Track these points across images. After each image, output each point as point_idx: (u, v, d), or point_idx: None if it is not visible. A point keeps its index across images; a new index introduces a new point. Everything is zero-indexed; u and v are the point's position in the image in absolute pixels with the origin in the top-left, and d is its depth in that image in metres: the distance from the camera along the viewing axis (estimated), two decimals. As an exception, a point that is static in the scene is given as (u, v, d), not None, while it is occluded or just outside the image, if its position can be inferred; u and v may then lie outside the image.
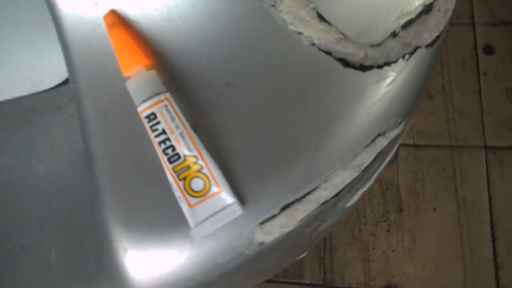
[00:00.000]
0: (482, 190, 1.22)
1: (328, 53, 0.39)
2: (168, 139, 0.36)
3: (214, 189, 0.36)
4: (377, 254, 1.20)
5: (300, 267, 1.21)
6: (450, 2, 0.42)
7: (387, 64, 0.39)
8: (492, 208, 1.19)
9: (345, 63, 0.39)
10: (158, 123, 0.36)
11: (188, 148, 0.36)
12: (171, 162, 0.36)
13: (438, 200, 1.22)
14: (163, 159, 0.36)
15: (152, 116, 0.36)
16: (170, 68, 0.38)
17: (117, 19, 0.38)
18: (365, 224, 1.23)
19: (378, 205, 1.24)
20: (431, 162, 1.26)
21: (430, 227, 1.20)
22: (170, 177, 0.36)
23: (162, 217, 0.38)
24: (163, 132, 0.36)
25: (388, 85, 0.39)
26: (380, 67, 0.39)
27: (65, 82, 0.52)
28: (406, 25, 0.40)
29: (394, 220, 1.22)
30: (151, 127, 0.36)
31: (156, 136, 0.36)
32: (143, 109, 0.36)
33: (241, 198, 0.38)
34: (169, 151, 0.36)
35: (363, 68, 0.39)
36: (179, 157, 0.36)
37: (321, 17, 0.38)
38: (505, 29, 1.37)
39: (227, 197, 0.37)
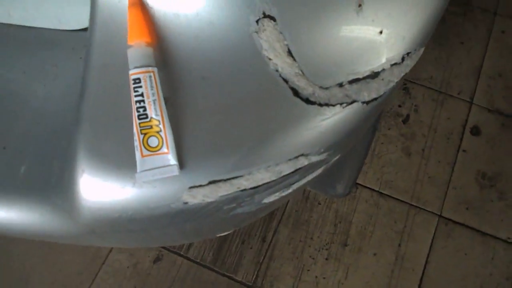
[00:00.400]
0: (422, 252, 1.26)
1: (285, 81, 0.49)
2: (143, 101, 0.46)
3: (164, 149, 0.47)
4: (309, 276, 1.24)
5: (238, 264, 1.25)
6: (395, 76, 0.52)
7: (327, 105, 0.49)
8: (425, 272, 1.24)
9: (295, 92, 0.49)
10: (140, 87, 0.46)
11: (156, 113, 0.46)
12: (139, 119, 0.46)
13: (381, 247, 1.27)
14: (134, 114, 0.46)
15: (137, 80, 0.46)
16: (164, 51, 0.48)
17: (138, 1, 0.48)
18: (309, 246, 1.28)
19: (327, 233, 1.29)
20: (387, 212, 1.31)
21: (364, 269, 1.25)
22: (135, 129, 0.46)
23: (119, 156, 0.48)
24: (141, 94, 0.46)
25: (322, 120, 0.49)
26: (321, 105, 0.49)
27: (85, 29, 0.59)
28: (352, 81, 0.50)
29: (336, 252, 1.27)
30: (134, 88, 0.46)
31: (135, 96, 0.46)
32: (133, 73, 0.46)
33: (181, 163, 0.48)
34: (141, 110, 0.46)
35: (308, 101, 0.49)
36: (147, 117, 0.46)
37: (289, 53, 0.48)
38: (498, 117, 1.42)
39: (171, 159, 0.47)
